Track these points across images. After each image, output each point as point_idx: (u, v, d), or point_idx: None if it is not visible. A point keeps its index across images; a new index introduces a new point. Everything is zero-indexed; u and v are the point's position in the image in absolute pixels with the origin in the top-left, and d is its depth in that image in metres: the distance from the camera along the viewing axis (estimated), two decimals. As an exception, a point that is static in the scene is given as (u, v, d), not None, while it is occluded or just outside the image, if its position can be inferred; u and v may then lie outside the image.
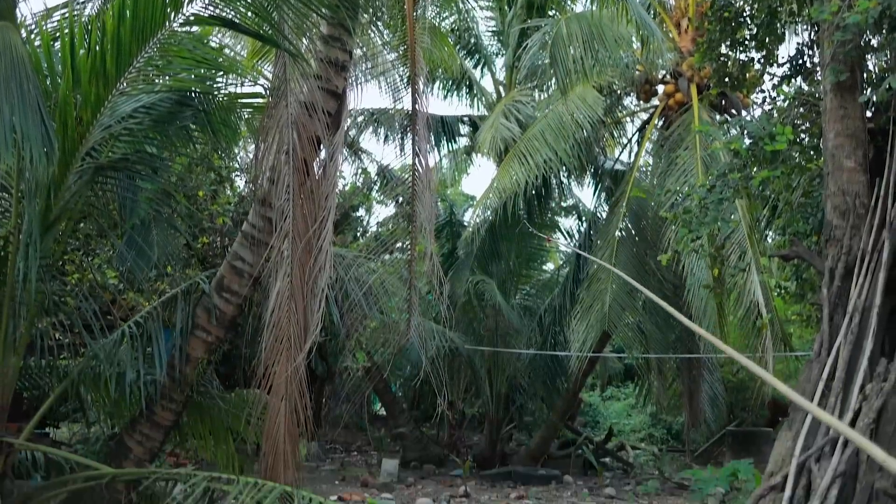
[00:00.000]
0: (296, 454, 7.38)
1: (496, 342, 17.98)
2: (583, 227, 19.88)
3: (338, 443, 22.56)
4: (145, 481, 6.96)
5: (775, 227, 8.97)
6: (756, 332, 12.84)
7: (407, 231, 9.29)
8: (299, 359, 7.19)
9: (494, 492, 15.26)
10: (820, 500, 5.08)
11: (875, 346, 5.67)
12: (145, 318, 7.66)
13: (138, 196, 8.46)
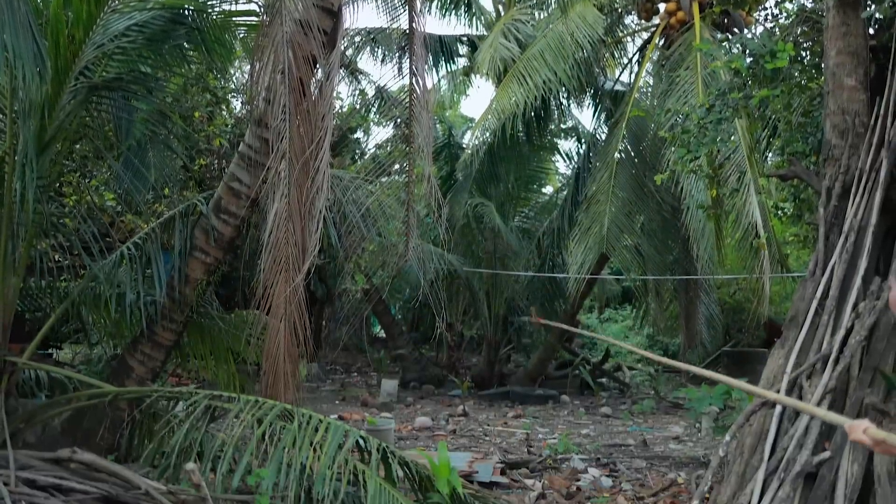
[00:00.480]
0: (296, 374, 7.46)
1: (495, 264, 18.06)
2: (582, 148, 19.78)
3: (338, 364, 22.86)
4: (147, 399, 7.08)
5: (774, 147, 8.93)
6: (753, 253, 12.89)
7: (405, 153, 9.24)
8: (298, 280, 7.21)
9: (492, 411, 15.52)
10: (810, 416, 5.18)
11: (869, 265, 5.70)
12: (144, 239, 7.69)
13: (133, 117, 8.42)
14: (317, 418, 6.52)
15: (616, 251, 15.54)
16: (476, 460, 9.20)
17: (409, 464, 6.68)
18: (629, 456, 10.68)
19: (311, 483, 6.25)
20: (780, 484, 4.95)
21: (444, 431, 12.51)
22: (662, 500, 7.90)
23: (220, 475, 6.31)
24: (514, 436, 12.38)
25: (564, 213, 17.68)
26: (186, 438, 6.46)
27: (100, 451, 7.03)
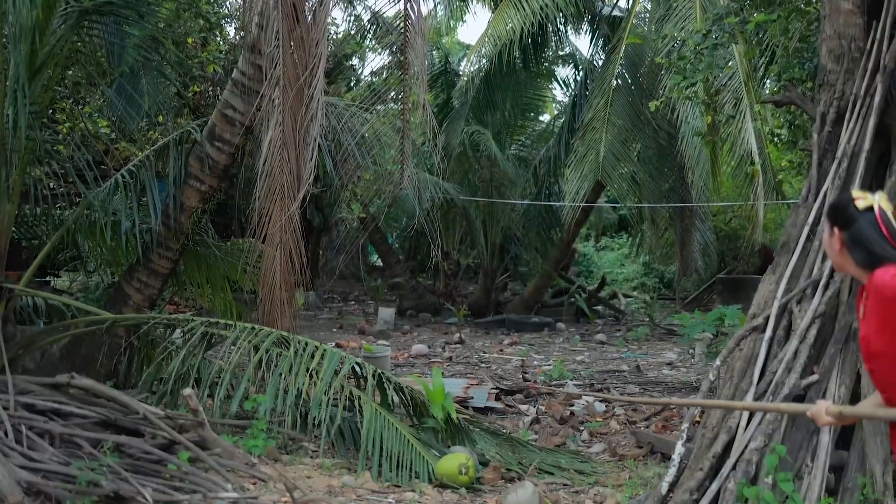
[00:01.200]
0: (292, 301, 7.53)
1: (491, 193, 18.05)
2: (579, 76, 19.58)
3: (336, 293, 23.01)
4: (144, 326, 7.15)
5: (771, 73, 8.86)
6: (748, 180, 12.89)
7: (400, 80, 9.15)
8: (293, 208, 7.22)
9: (488, 339, 15.68)
10: (799, 340, 5.23)
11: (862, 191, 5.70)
12: (138, 167, 7.67)
13: (126, 42, 8.32)
14: (313, 345, 6.61)
15: (612, 179, 15.52)
16: (471, 386, 9.33)
17: (404, 390, 6.80)
18: (623, 382, 10.84)
19: (307, 408, 6.37)
20: (767, 407, 5.04)
21: (440, 359, 12.66)
22: (654, 424, 8.05)
23: (217, 401, 6.43)
24: (509, 363, 12.53)
25: (561, 141, 17.60)
26: (184, 365, 6.57)
27: (98, 377, 7.12)
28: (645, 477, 6.21)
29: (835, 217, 3.29)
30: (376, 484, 5.71)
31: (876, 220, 3.15)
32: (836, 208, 3.32)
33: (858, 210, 3.19)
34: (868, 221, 3.16)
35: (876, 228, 3.15)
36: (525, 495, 5.35)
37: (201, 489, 4.80)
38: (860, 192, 3.30)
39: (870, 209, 3.17)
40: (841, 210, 3.27)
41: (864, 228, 3.16)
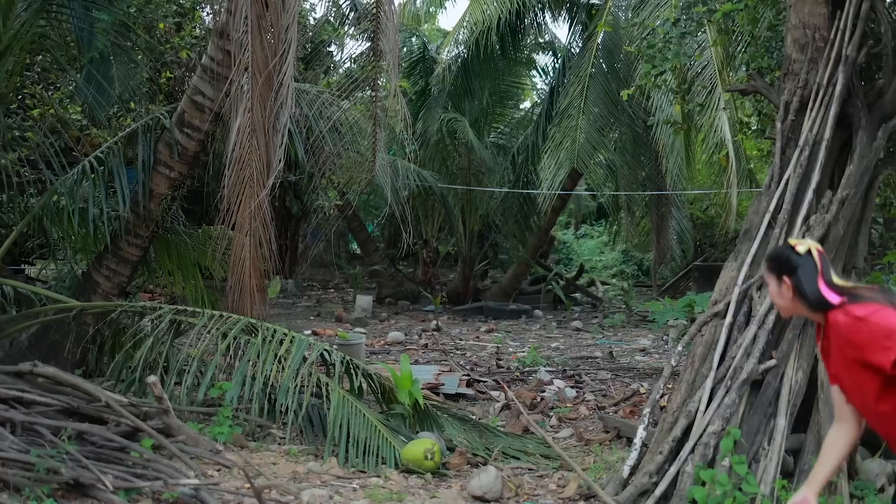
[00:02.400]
0: (261, 288, 7.52)
1: (469, 181, 18.06)
2: (558, 64, 19.59)
3: (315, 280, 22.98)
4: (113, 314, 7.13)
5: (739, 62, 8.91)
6: (722, 168, 12.96)
7: (372, 66, 9.13)
8: (262, 195, 7.21)
9: (466, 326, 15.72)
10: (758, 325, 5.29)
11: (822, 179, 5.75)
12: (106, 153, 7.62)
13: (95, 28, 8.27)
14: (281, 332, 6.62)
15: (588, 167, 15.56)
16: (443, 373, 9.37)
17: (372, 376, 6.82)
18: (595, 368, 10.90)
19: (276, 396, 6.38)
20: (726, 391, 5.10)
21: (415, 346, 12.68)
22: (623, 408, 8.11)
23: (184, 388, 6.43)
24: (485, 349, 12.58)
25: (539, 129, 17.62)
26: (152, 352, 6.56)
27: (67, 365, 7.12)
28: (609, 461, 6.28)
29: (779, 267, 3.37)
30: (342, 470, 5.74)
31: (815, 264, 3.27)
32: (779, 258, 3.40)
33: (800, 255, 3.31)
34: (812, 265, 3.27)
35: (816, 270, 3.27)
36: (488, 480, 5.39)
37: (163, 476, 4.80)
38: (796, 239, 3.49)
39: (809, 253, 3.30)
40: (784, 259, 3.36)
41: (809, 272, 3.26)
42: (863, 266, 6.03)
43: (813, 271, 3.27)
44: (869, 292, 3.21)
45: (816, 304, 3.24)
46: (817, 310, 3.27)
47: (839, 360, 3.24)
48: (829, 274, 3.30)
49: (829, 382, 3.44)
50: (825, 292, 3.23)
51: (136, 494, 4.70)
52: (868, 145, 5.80)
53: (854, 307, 3.14)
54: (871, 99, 6.07)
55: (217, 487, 4.87)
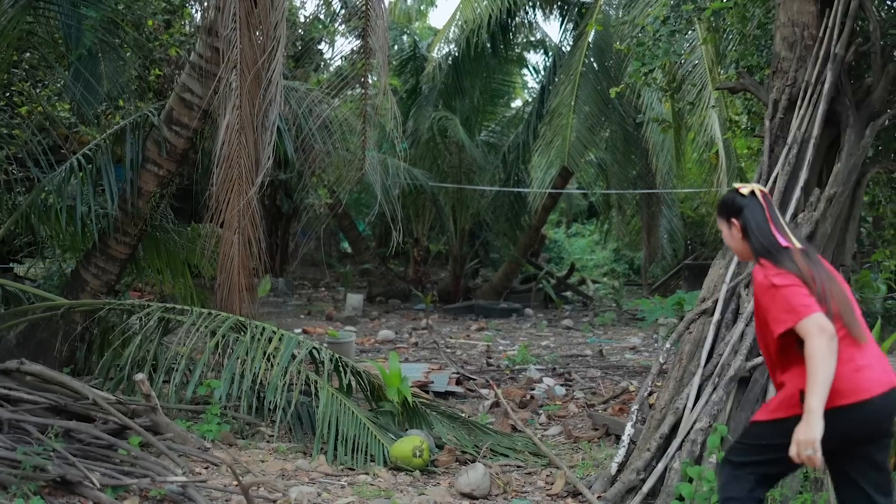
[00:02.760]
0: (250, 286, 7.51)
1: (460, 179, 18.07)
2: (548, 62, 19.60)
3: (306, 279, 22.96)
4: (101, 312, 7.11)
5: (729, 60, 8.92)
6: (713, 167, 12.98)
7: (361, 64, 9.11)
8: (251, 193, 7.19)
9: (456, 324, 15.72)
10: (745, 323, 5.30)
11: (810, 177, 5.77)
12: (94, 150, 7.59)
13: (83, 24, 8.23)
14: (270, 330, 6.60)
15: (579, 165, 15.57)
16: (433, 371, 9.37)
17: (361, 374, 6.81)
18: (585, 366, 10.91)
19: (264, 393, 6.37)
20: (714, 388, 5.10)
21: (405, 344, 12.68)
22: (612, 406, 8.12)
23: (173, 386, 6.42)
24: (475, 348, 12.58)
25: (530, 127, 17.64)
26: (140, 350, 6.54)
27: (55, 363, 7.10)
28: (598, 458, 6.28)
29: (727, 210, 3.58)
30: (330, 467, 5.74)
31: (761, 203, 3.50)
32: (726, 203, 3.61)
33: (745, 196, 3.52)
34: (755, 204, 3.49)
35: (762, 211, 3.48)
36: (476, 477, 5.39)
37: (151, 473, 4.79)
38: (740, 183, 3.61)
39: (753, 194, 3.52)
40: (730, 202, 3.57)
41: (755, 211, 3.48)
42: (851, 264, 6.06)
43: (760, 211, 3.47)
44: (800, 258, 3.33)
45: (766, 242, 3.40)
46: (761, 252, 3.41)
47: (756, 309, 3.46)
48: (777, 217, 3.49)
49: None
50: (775, 232, 3.41)
51: (124, 492, 4.69)
52: (856, 143, 5.82)
53: (774, 273, 3.30)
54: (860, 97, 6.10)
55: (205, 485, 4.86)
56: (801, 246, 3.44)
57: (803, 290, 3.22)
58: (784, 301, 3.22)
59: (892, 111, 6.09)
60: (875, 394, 3.25)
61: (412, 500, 5.18)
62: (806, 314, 3.16)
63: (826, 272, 3.38)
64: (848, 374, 3.23)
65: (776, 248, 3.38)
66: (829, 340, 3.12)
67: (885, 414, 3.31)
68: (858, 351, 3.31)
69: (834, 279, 3.40)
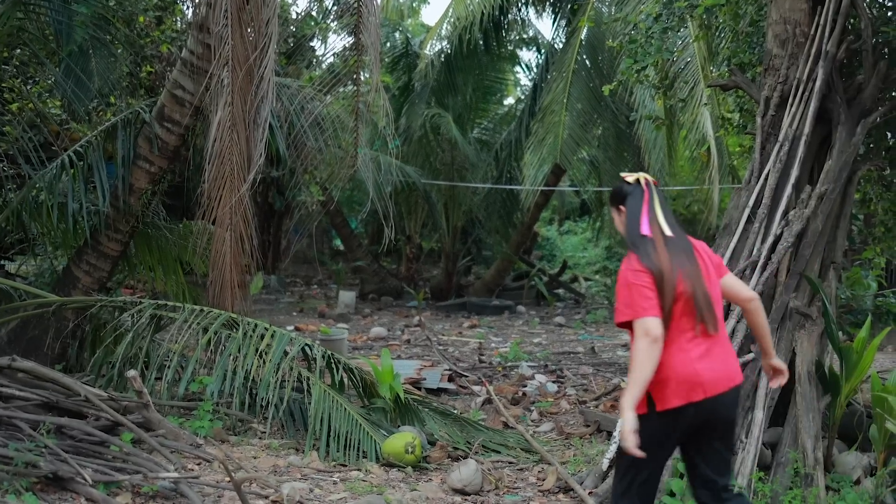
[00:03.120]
0: (242, 283, 7.50)
1: (453, 176, 18.06)
2: (541, 59, 19.60)
3: (298, 276, 22.93)
4: (92, 309, 7.09)
5: (721, 57, 8.95)
6: (705, 164, 13.01)
7: (353, 61, 9.11)
8: (243, 189, 7.18)
9: (449, 321, 15.73)
10: (736, 319, 5.32)
11: (802, 174, 5.79)
12: (85, 147, 7.57)
13: (73, 21, 8.21)
14: (262, 326, 6.60)
15: (571, 163, 15.59)
16: (425, 368, 9.37)
17: (354, 371, 6.81)
18: (577, 363, 10.93)
19: (256, 390, 6.37)
20: (705, 385, 5.11)
21: (398, 341, 12.68)
22: (603, 403, 8.14)
23: (165, 383, 6.41)
24: (467, 345, 12.59)
25: (522, 125, 17.65)
26: (132, 347, 6.53)
27: (47, 360, 7.07)
28: (589, 454, 6.30)
29: (615, 198, 3.79)
30: (323, 463, 5.74)
31: (643, 191, 3.68)
32: (614, 191, 3.83)
33: (630, 184, 3.73)
34: (640, 192, 3.68)
35: (641, 199, 3.66)
36: (468, 473, 5.41)
37: (143, 469, 4.78)
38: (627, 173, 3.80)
39: (637, 182, 3.71)
40: (618, 190, 3.78)
41: (634, 199, 3.68)
42: (841, 261, 6.08)
43: (639, 199, 3.66)
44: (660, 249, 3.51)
45: (632, 231, 3.62)
46: (628, 242, 3.63)
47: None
48: (654, 204, 3.65)
49: None
50: (642, 220, 3.61)
51: (116, 488, 4.68)
52: (847, 141, 5.84)
53: (634, 268, 3.49)
54: (851, 94, 6.12)
55: (197, 481, 4.86)
56: (670, 233, 3.58)
57: (649, 292, 3.41)
58: (629, 296, 3.45)
59: (884, 108, 6.12)
60: (712, 394, 3.45)
61: (404, 496, 5.19)
62: (640, 315, 3.38)
63: (690, 261, 3.54)
64: (691, 373, 3.44)
65: (637, 237, 3.57)
66: (650, 344, 3.33)
67: (722, 410, 3.52)
68: (706, 345, 3.49)
69: (696, 267, 3.55)
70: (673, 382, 3.43)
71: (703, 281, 3.54)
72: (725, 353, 3.58)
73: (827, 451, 5.41)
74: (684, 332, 3.47)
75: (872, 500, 4.86)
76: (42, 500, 4.32)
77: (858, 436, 5.66)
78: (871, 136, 6.65)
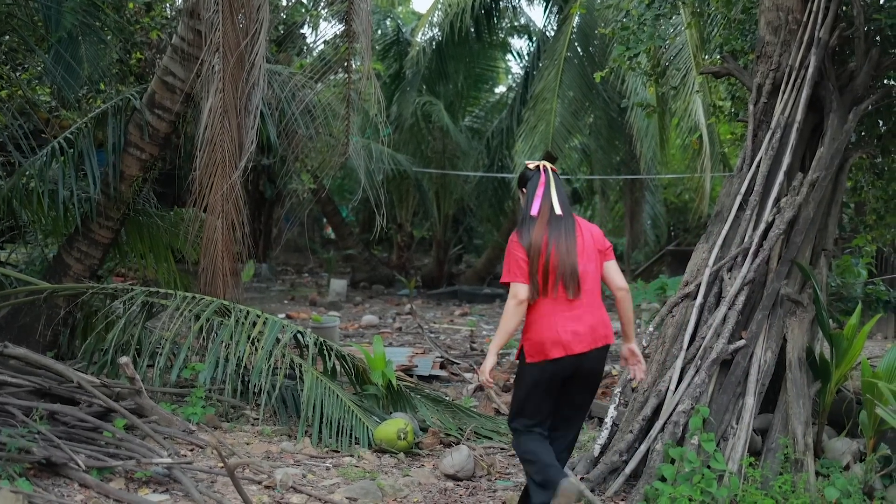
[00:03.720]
0: (234, 271, 7.48)
1: (444, 164, 18.05)
2: (532, 47, 19.58)
3: (289, 265, 22.92)
4: (84, 296, 7.07)
5: (714, 44, 8.95)
6: (696, 153, 13.03)
7: (345, 48, 9.07)
8: (234, 176, 7.16)
9: (440, 309, 15.74)
10: (728, 306, 5.34)
11: (794, 161, 5.81)
12: (75, 134, 7.53)
13: (63, 7, 8.15)
14: (254, 314, 6.59)
15: (563, 151, 15.57)
16: (417, 355, 9.39)
17: (346, 358, 6.82)
18: (568, 350, 10.94)
19: (248, 377, 6.37)
20: (696, 371, 5.14)
21: (389, 329, 12.69)
22: (595, 390, 8.15)
23: (157, 370, 6.41)
24: (459, 333, 12.60)
25: (513, 113, 17.64)
26: (124, 334, 6.51)
27: (38, 348, 7.05)
28: (580, 441, 6.32)
29: (520, 182, 4.42)
30: (315, 449, 5.75)
31: (540, 177, 4.29)
32: (520, 176, 4.44)
33: (531, 170, 4.34)
34: (538, 178, 4.30)
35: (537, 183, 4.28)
36: (460, 458, 5.42)
37: (136, 455, 4.79)
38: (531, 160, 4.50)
39: (538, 168, 4.33)
40: (522, 175, 4.41)
41: (534, 183, 4.29)
42: (832, 248, 6.10)
43: (537, 182, 4.29)
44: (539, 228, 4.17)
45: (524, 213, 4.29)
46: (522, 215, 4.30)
47: None
48: (550, 188, 4.27)
49: None
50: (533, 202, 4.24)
51: (109, 473, 4.69)
52: (839, 128, 5.85)
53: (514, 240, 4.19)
54: (843, 82, 6.14)
55: (190, 466, 4.86)
56: (560, 212, 4.24)
57: (522, 263, 4.14)
58: (508, 264, 4.20)
59: (875, 96, 6.12)
60: (573, 353, 4.14)
61: (397, 482, 5.21)
62: (512, 280, 4.16)
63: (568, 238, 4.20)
64: (553, 335, 4.14)
65: (527, 216, 4.24)
66: (516, 305, 4.14)
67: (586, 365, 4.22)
68: (575, 311, 4.17)
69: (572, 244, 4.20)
70: (538, 341, 4.15)
71: (576, 256, 4.18)
72: (593, 318, 4.21)
73: (817, 437, 5.45)
74: (553, 299, 4.15)
75: (862, 486, 4.89)
76: (36, 486, 4.32)
77: (848, 422, 5.70)
78: (862, 124, 6.67)
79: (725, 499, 4.58)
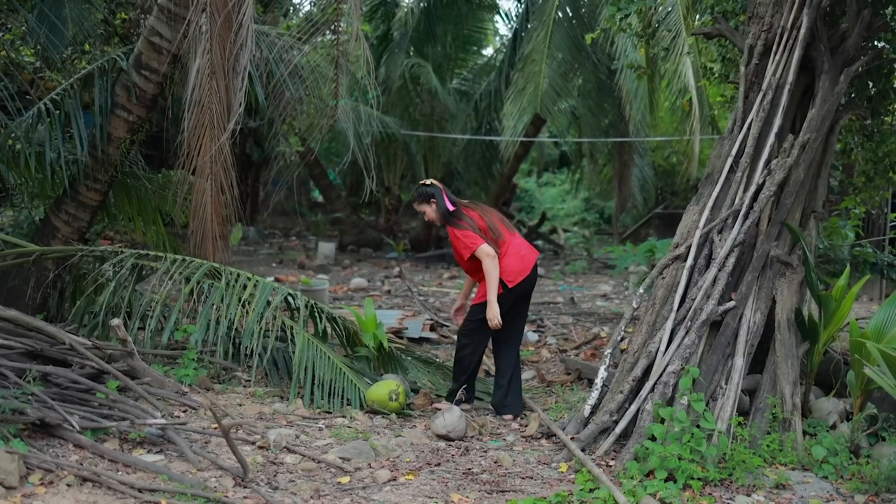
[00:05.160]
0: (224, 233, 7.46)
1: (432, 127, 17.95)
2: (521, 8, 19.42)
3: (277, 228, 22.86)
4: (73, 259, 7.04)
5: (705, 5, 8.89)
6: (685, 115, 13.01)
7: (332, 9, 8.97)
8: (223, 138, 7.10)
9: (428, 273, 15.77)
10: (718, 268, 5.37)
11: (784, 123, 5.81)
12: (62, 95, 7.44)
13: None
14: (244, 276, 6.59)
15: (552, 113, 15.52)
16: (406, 318, 9.41)
17: (337, 320, 6.83)
18: (557, 313, 11.02)
19: (239, 339, 6.38)
20: (686, 332, 5.18)
21: (378, 292, 12.71)
22: (584, 351, 8.23)
23: (148, 332, 6.41)
24: (447, 296, 12.64)
25: (502, 75, 17.53)
26: (114, 297, 6.50)
27: (28, 311, 7.00)
28: (570, 401, 6.38)
29: (426, 197, 6.08)
30: (308, 410, 5.78)
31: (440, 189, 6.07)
32: (423, 193, 6.12)
33: (431, 185, 6.10)
34: (439, 190, 6.06)
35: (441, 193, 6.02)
36: (452, 419, 5.46)
37: (130, 416, 4.81)
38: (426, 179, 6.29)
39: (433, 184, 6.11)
40: (426, 191, 6.09)
41: (440, 194, 6.03)
42: (822, 211, 6.13)
43: (440, 191, 6.04)
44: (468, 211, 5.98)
45: (446, 212, 5.96)
46: (445, 218, 5.97)
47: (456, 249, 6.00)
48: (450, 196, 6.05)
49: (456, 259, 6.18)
50: (448, 206, 5.98)
51: (103, 434, 4.70)
52: (830, 90, 5.85)
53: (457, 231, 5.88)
54: (835, 43, 6.12)
55: (184, 427, 4.88)
56: (468, 202, 6.14)
57: (474, 235, 5.80)
58: (465, 242, 5.83)
59: (866, 57, 6.12)
60: (527, 274, 5.94)
61: (389, 442, 5.25)
62: (477, 246, 5.78)
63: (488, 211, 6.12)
64: (513, 265, 5.87)
65: (449, 213, 5.96)
66: (492, 259, 5.76)
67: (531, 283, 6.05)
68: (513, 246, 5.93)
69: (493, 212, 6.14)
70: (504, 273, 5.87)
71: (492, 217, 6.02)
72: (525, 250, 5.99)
73: (804, 397, 5.52)
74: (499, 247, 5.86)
75: (848, 444, 4.96)
76: (31, 447, 4.33)
77: (835, 382, 5.77)
78: (853, 86, 6.67)
79: (714, 457, 4.64)
